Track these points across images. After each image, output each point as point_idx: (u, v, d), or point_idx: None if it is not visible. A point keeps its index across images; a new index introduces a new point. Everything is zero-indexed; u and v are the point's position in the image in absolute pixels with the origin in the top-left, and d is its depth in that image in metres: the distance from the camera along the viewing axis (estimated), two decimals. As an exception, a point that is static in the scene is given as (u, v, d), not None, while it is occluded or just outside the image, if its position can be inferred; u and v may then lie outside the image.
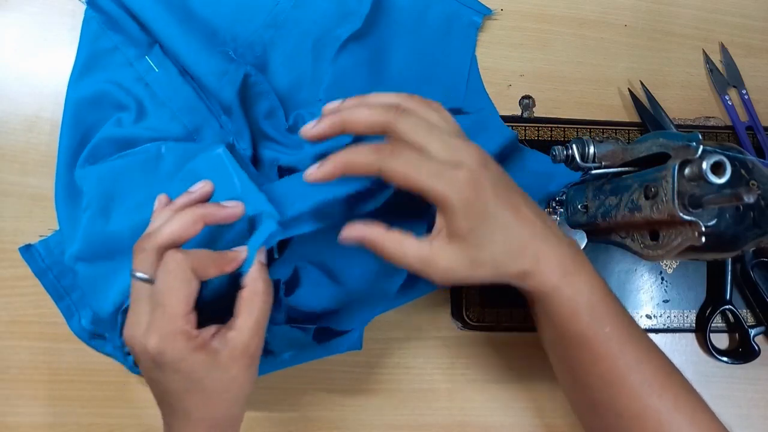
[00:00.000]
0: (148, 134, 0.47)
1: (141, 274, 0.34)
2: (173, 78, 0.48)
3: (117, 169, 0.45)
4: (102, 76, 0.48)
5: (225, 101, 0.47)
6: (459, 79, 0.53)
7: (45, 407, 0.47)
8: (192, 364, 0.34)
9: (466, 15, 0.54)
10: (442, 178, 0.34)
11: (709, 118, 0.56)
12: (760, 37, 0.58)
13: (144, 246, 0.35)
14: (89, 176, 0.46)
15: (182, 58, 0.48)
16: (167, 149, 0.45)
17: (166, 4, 0.49)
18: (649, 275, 0.52)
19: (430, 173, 0.34)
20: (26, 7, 0.51)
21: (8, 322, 0.48)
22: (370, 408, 0.50)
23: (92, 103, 0.48)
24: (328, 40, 0.51)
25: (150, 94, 0.48)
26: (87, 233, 0.44)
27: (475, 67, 0.54)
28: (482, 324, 0.50)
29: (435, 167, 0.34)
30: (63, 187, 0.47)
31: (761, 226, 0.37)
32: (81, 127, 0.48)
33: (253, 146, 0.48)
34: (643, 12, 0.57)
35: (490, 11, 0.55)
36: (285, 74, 0.51)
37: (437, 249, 0.35)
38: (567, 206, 0.44)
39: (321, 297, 0.45)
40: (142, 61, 0.48)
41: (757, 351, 0.52)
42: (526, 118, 0.54)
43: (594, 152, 0.40)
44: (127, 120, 0.47)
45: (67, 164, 0.47)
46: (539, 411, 0.51)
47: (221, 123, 0.48)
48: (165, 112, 0.48)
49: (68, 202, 0.47)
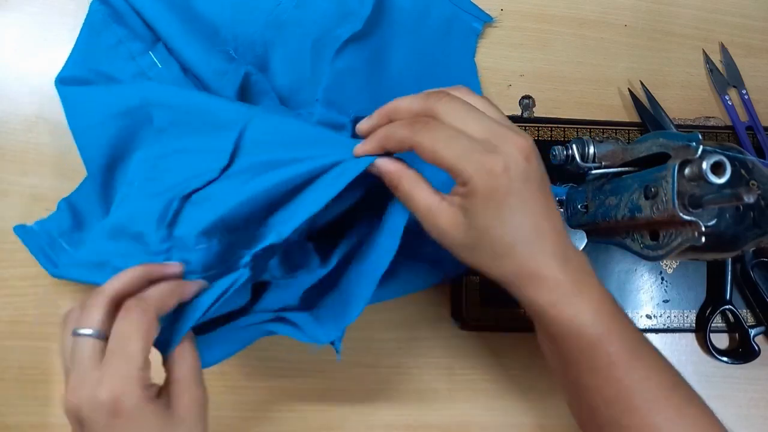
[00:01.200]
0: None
1: (86, 330, 0.32)
2: (176, 75, 0.48)
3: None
4: (96, 68, 0.48)
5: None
6: (458, 83, 0.53)
7: (45, 407, 0.47)
8: (149, 416, 0.32)
9: (466, 21, 0.54)
10: (471, 160, 0.33)
11: (709, 118, 0.56)
12: (760, 37, 0.58)
13: (94, 301, 0.33)
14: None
15: (184, 56, 0.48)
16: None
17: (168, 2, 0.49)
18: (649, 275, 0.52)
19: (460, 152, 0.33)
20: (26, 7, 0.51)
21: (8, 322, 0.48)
22: (370, 408, 0.50)
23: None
24: (328, 41, 0.51)
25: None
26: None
27: (475, 73, 0.54)
28: (482, 324, 0.50)
29: (467, 147, 0.33)
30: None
31: (761, 226, 0.37)
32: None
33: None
34: (643, 12, 0.57)
35: (491, 18, 0.55)
36: (285, 74, 0.51)
37: (445, 207, 0.35)
38: (567, 206, 0.44)
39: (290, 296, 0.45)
40: (146, 56, 0.48)
41: (757, 351, 0.52)
42: (526, 118, 0.54)
43: (594, 152, 0.40)
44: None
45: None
46: (539, 411, 0.51)
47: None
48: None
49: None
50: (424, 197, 0.35)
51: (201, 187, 0.42)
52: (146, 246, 0.42)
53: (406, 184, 0.35)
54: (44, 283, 0.48)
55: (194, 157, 0.43)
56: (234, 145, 0.41)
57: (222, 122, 0.42)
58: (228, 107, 0.43)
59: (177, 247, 0.42)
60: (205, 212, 0.40)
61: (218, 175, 0.42)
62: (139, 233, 0.42)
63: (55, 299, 0.48)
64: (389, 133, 0.36)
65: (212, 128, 0.43)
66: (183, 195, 0.42)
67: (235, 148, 0.42)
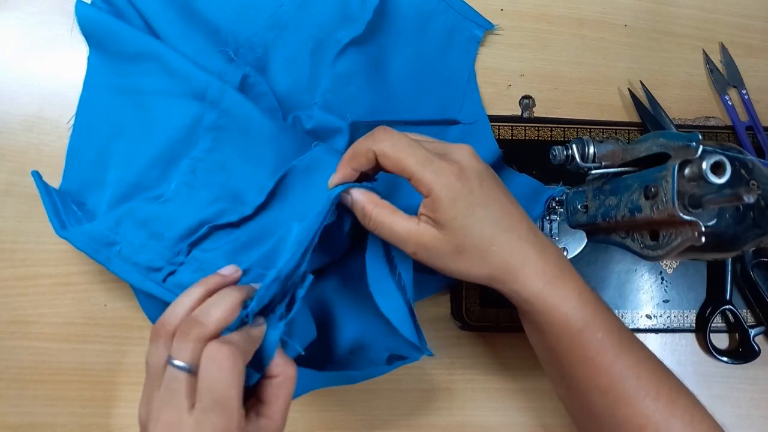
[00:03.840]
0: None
1: (182, 363, 0.32)
2: None
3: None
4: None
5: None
6: (456, 90, 0.53)
7: (45, 407, 0.47)
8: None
9: (467, 28, 0.54)
10: (431, 167, 0.35)
11: (709, 118, 0.56)
12: (760, 37, 0.58)
13: (194, 333, 0.33)
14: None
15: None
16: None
17: (170, 1, 0.49)
18: (649, 275, 0.52)
19: (421, 158, 0.35)
20: (26, 7, 0.51)
21: (8, 322, 0.48)
22: (371, 408, 0.50)
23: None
24: (329, 44, 0.51)
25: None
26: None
27: (473, 80, 0.54)
28: (482, 324, 0.50)
29: (426, 154, 0.36)
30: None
31: (761, 226, 0.37)
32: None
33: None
34: (643, 12, 0.57)
35: (492, 26, 0.55)
36: (285, 76, 0.51)
37: (423, 226, 0.36)
38: (567, 206, 0.44)
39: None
40: None
41: (757, 351, 0.52)
42: (526, 118, 0.54)
43: (594, 152, 0.40)
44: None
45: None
46: (539, 411, 0.51)
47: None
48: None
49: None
50: (404, 223, 0.37)
51: (235, 222, 0.44)
52: (162, 250, 0.43)
53: (382, 214, 0.37)
54: (44, 283, 0.48)
55: (234, 180, 0.45)
56: (275, 184, 0.43)
57: (282, 153, 0.44)
58: (292, 142, 0.45)
59: (188, 264, 0.43)
60: (226, 246, 0.42)
61: (253, 212, 0.44)
62: (160, 234, 0.43)
63: (55, 299, 0.48)
64: (354, 151, 0.38)
65: (260, 155, 0.45)
66: (214, 225, 0.44)
67: (276, 187, 0.43)
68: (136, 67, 0.47)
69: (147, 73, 0.47)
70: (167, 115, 0.47)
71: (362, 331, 0.46)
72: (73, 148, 0.48)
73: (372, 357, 0.44)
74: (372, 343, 0.45)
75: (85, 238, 0.43)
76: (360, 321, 0.46)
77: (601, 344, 0.36)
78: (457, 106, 0.53)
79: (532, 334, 0.40)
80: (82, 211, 0.46)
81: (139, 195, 0.46)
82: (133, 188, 0.46)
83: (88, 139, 0.48)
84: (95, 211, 0.46)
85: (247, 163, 0.45)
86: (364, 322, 0.46)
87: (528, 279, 0.36)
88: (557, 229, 0.49)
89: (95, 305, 0.48)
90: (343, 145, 0.48)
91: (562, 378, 0.39)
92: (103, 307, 0.48)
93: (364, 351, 0.45)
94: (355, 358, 0.44)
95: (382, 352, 0.43)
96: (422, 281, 0.49)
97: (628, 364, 0.36)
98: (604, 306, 0.38)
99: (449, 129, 0.52)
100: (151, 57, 0.47)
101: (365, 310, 0.46)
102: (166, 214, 0.44)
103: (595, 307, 0.37)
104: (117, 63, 0.48)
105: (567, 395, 0.40)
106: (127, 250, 0.43)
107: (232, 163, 0.46)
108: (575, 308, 0.36)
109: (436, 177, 0.35)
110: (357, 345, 0.45)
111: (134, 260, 0.43)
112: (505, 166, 0.51)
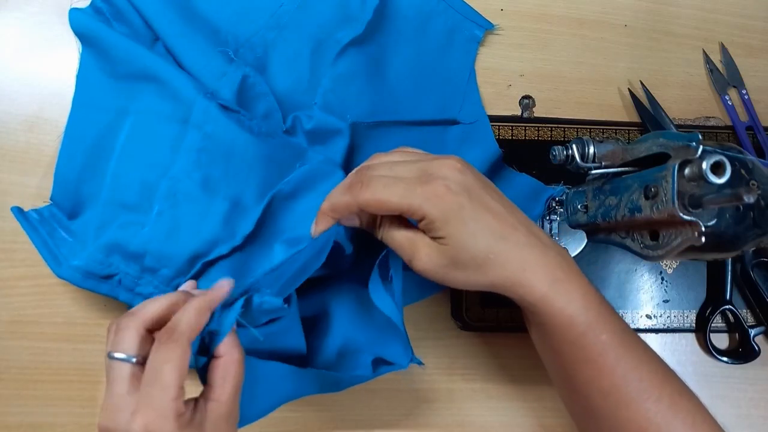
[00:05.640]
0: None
1: (120, 354, 0.33)
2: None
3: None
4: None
5: (223, 102, 0.47)
6: (456, 90, 0.53)
7: (45, 407, 0.47)
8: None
9: (467, 28, 0.54)
10: (414, 194, 0.35)
11: (709, 118, 0.56)
12: (760, 37, 0.58)
13: (126, 324, 0.34)
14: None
15: (182, 57, 0.48)
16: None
17: (170, 1, 0.49)
18: (649, 275, 0.52)
19: (403, 192, 0.35)
20: (26, 7, 0.51)
21: (8, 322, 0.48)
22: (370, 408, 0.50)
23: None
24: (329, 44, 0.51)
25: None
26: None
27: (473, 80, 0.54)
28: (482, 324, 0.50)
29: (406, 186, 0.36)
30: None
31: (761, 226, 0.37)
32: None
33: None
34: (643, 12, 0.57)
35: (492, 26, 0.55)
36: (285, 76, 0.51)
37: (421, 238, 0.37)
38: (567, 206, 0.44)
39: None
40: None
41: (757, 351, 0.52)
42: (526, 118, 0.54)
43: (594, 152, 0.40)
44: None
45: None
46: (539, 411, 0.51)
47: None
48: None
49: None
50: (404, 232, 0.38)
51: (227, 254, 0.44)
52: (159, 284, 0.44)
53: (384, 226, 0.38)
54: (44, 283, 0.48)
55: (218, 203, 0.44)
56: (262, 211, 0.43)
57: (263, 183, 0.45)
58: (278, 162, 0.46)
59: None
60: (220, 276, 0.42)
61: (242, 243, 0.44)
62: (154, 269, 0.44)
63: (55, 299, 0.48)
64: (333, 204, 0.38)
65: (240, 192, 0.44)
66: (207, 261, 0.43)
67: (263, 216, 0.44)
68: (126, 84, 0.47)
69: (135, 91, 0.47)
70: (151, 136, 0.46)
71: (350, 335, 0.46)
72: (62, 164, 0.47)
73: (359, 361, 0.44)
74: (360, 347, 0.46)
75: (81, 276, 0.43)
76: (349, 325, 0.46)
77: (605, 346, 0.36)
78: (457, 106, 0.53)
79: (536, 335, 0.40)
80: (72, 237, 0.45)
81: (124, 216, 0.45)
82: (119, 208, 0.45)
83: (75, 156, 0.47)
84: (84, 232, 0.45)
85: (230, 186, 0.45)
86: (353, 325, 0.46)
87: (531, 283, 0.36)
88: (557, 229, 0.49)
89: (95, 305, 0.48)
90: (342, 148, 0.48)
91: (564, 379, 0.39)
92: (103, 307, 0.48)
93: (351, 354, 0.45)
94: (342, 361, 0.45)
95: (369, 357, 0.44)
96: (422, 282, 0.49)
97: (631, 367, 0.36)
98: (608, 307, 0.38)
99: (449, 129, 0.53)
100: (141, 75, 0.46)
101: (354, 314, 0.46)
102: (155, 248, 0.43)
103: (599, 308, 0.37)
104: (108, 77, 0.48)
105: (569, 397, 0.40)
106: (126, 280, 0.44)
107: (215, 185, 0.45)
108: (579, 310, 0.36)
109: (424, 202, 0.35)
110: (344, 349, 0.46)
111: (136, 291, 0.44)
112: (505, 166, 0.52)
